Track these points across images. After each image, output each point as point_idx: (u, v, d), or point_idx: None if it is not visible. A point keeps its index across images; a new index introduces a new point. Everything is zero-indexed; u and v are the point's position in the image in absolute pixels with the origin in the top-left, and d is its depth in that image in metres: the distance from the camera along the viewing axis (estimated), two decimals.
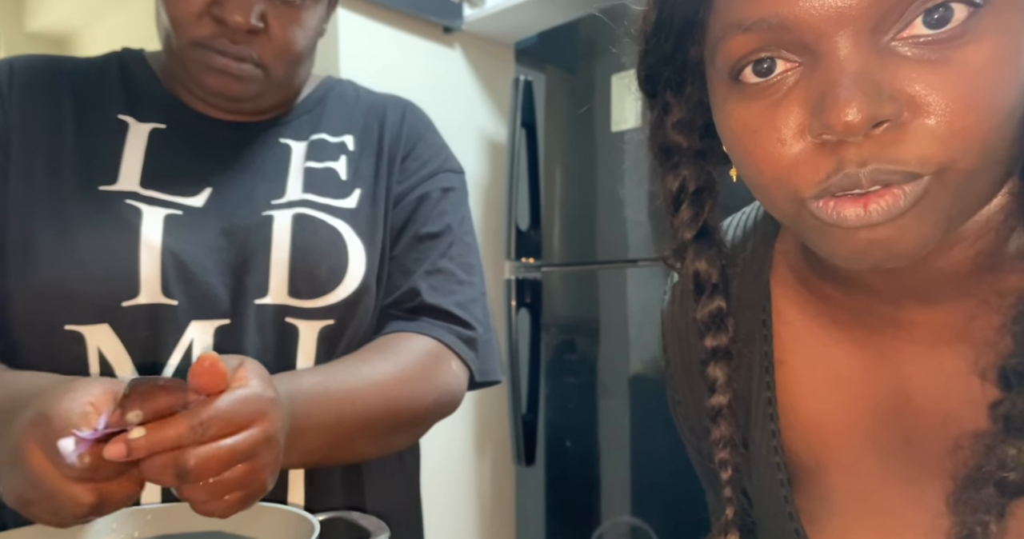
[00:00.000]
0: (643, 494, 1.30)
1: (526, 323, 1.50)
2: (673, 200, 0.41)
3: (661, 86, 0.39)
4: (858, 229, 0.30)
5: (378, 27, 1.42)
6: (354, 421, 0.52)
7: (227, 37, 0.54)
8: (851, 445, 0.39)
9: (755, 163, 0.33)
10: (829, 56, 0.29)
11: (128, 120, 0.59)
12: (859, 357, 0.40)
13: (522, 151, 1.48)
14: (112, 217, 0.53)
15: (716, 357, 0.41)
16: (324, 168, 0.62)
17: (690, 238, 0.41)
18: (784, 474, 0.41)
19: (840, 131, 0.28)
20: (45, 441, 0.36)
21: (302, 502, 0.58)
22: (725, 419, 0.41)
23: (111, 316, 0.52)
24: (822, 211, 0.31)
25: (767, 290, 0.43)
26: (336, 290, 0.57)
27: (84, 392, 0.38)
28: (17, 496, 0.37)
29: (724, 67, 0.33)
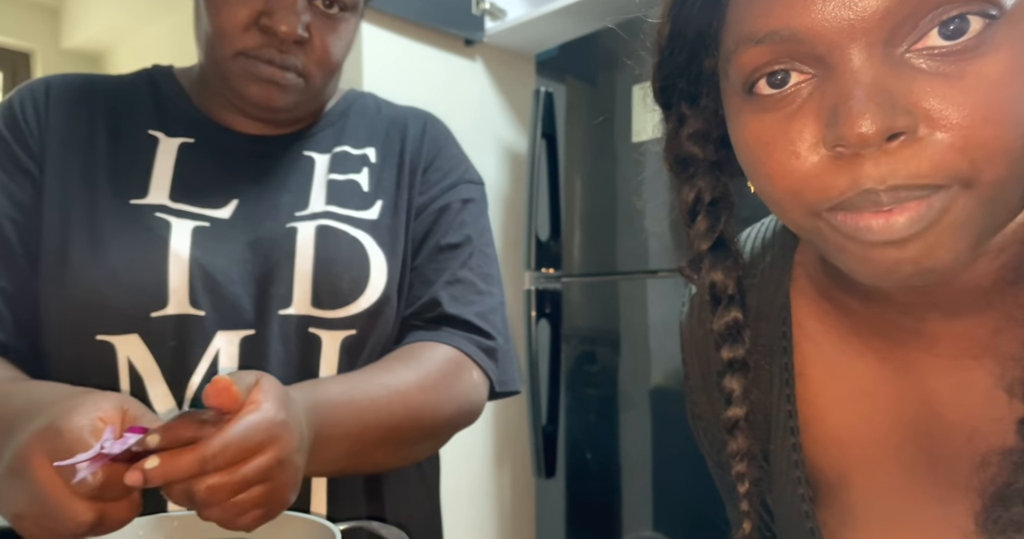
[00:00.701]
0: (665, 507, 1.28)
1: (546, 334, 1.49)
2: (689, 211, 0.41)
3: (676, 98, 0.39)
4: (884, 246, 0.29)
5: (400, 40, 1.44)
6: (377, 429, 0.52)
7: (274, 47, 0.56)
8: (875, 460, 0.39)
9: (769, 176, 0.32)
10: (842, 68, 0.29)
11: (158, 135, 0.60)
12: (882, 370, 0.39)
13: (542, 162, 1.48)
14: (142, 229, 0.55)
15: (733, 369, 0.41)
16: (347, 180, 0.63)
17: (706, 249, 0.41)
18: (806, 489, 0.40)
19: (854, 143, 0.28)
20: (54, 453, 0.36)
21: (324, 511, 0.58)
22: (742, 431, 0.41)
23: (141, 326, 0.53)
24: (842, 225, 0.30)
25: (787, 302, 0.43)
26: (358, 300, 0.58)
27: (94, 406, 0.38)
28: (12, 507, 0.37)
29: (737, 79, 0.33)
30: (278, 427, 0.39)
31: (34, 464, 0.36)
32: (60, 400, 0.40)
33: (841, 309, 0.41)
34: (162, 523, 0.45)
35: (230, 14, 0.55)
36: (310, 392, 0.49)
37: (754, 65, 0.31)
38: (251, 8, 0.54)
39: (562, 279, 1.50)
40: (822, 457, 0.41)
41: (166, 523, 0.46)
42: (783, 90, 0.31)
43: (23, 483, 0.36)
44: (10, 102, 0.59)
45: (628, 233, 1.37)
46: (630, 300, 1.37)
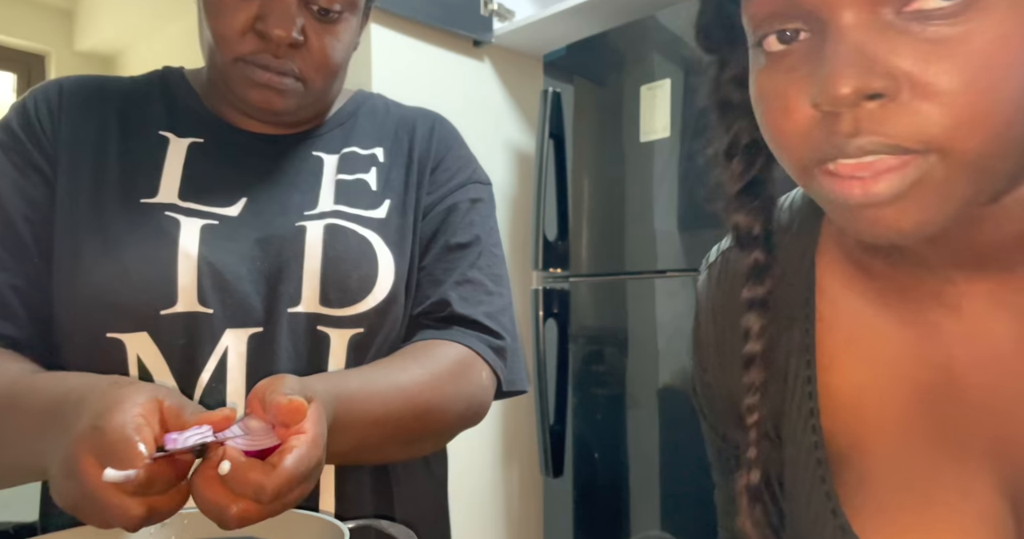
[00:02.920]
0: (672, 507, 1.28)
1: (554, 333, 1.49)
2: (726, 153, 0.41)
3: (717, 42, 0.40)
4: (863, 207, 0.30)
5: (409, 41, 1.45)
6: (388, 424, 0.53)
7: (270, 52, 0.56)
8: (893, 426, 0.38)
9: (768, 131, 0.33)
10: (833, 26, 0.29)
11: (168, 136, 0.61)
12: (904, 335, 0.39)
13: (550, 162, 1.49)
14: (152, 228, 0.55)
15: (752, 306, 0.42)
16: (355, 180, 0.63)
17: (735, 191, 0.41)
18: (822, 452, 0.40)
19: (831, 102, 0.29)
20: (100, 454, 0.37)
21: (332, 508, 0.58)
22: (757, 366, 0.42)
23: (150, 324, 0.54)
24: (827, 188, 0.31)
25: (812, 267, 0.43)
26: (366, 299, 0.59)
27: (132, 402, 0.39)
28: (68, 501, 0.39)
29: (748, 30, 0.33)
30: (317, 464, 0.40)
31: (82, 465, 0.37)
32: (97, 395, 0.41)
33: (867, 273, 0.41)
34: (173, 519, 0.46)
35: (227, 20, 0.55)
36: (330, 384, 0.49)
37: (759, 16, 0.32)
38: (247, 14, 0.55)
39: (570, 279, 1.50)
40: (836, 422, 0.41)
41: (176, 520, 0.46)
42: (789, 47, 0.32)
43: (75, 482, 0.38)
44: (24, 103, 0.60)
45: (636, 233, 1.37)
46: (638, 300, 1.37)
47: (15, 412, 0.46)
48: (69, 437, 0.39)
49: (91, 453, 0.37)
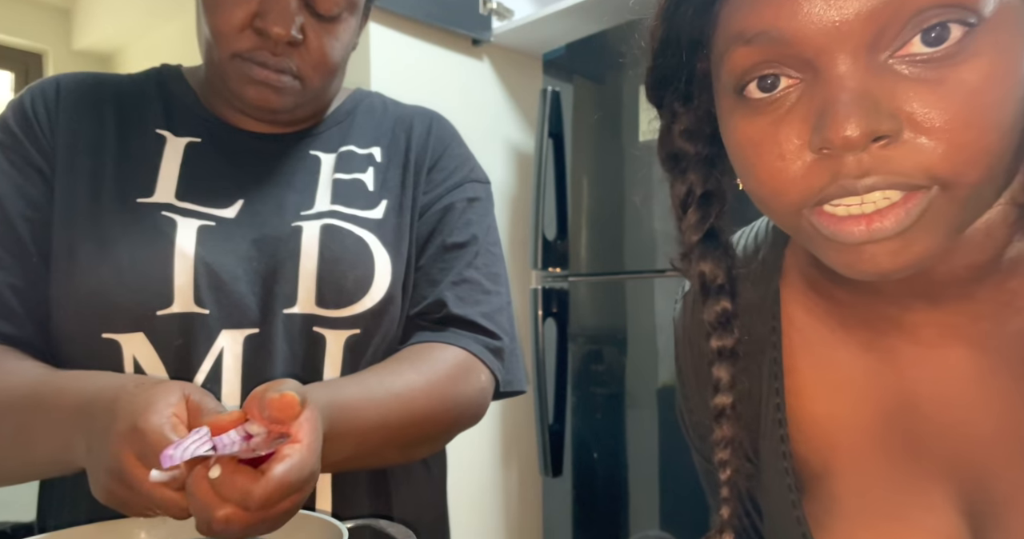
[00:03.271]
0: (672, 507, 1.28)
1: (552, 333, 1.49)
2: (681, 204, 0.42)
3: (668, 97, 0.41)
4: (863, 244, 0.31)
5: (408, 40, 1.45)
6: (385, 430, 0.53)
7: (268, 49, 0.56)
8: (858, 449, 0.40)
9: (757, 176, 0.34)
10: (829, 73, 0.30)
11: (166, 134, 0.61)
12: (865, 360, 0.40)
13: (549, 161, 1.48)
14: (148, 228, 0.55)
15: (722, 358, 0.42)
16: (352, 179, 0.63)
17: (696, 240, 0.42)
18: (792, 479, 0.41)
19: (839, 146, 0.29)
20: (142, 453, 0.40)
21: (329, 509, 0.58)
22: (728, 420, 0.42)
23: (146, 325, 0.54)
24: (824, 227, 0.32)
25: (777, 296, 0.44)
26: (362, 300, 0.58)
27: (166, 403, 0.42)
28: (114, 498, 0.41)
29: (729, 81, 0.34)
30: (310, 475, 0.40)
31: (128, 465, 0.40)
32: (128, 396, 0.43)
33: (830, 301, 0.42)
34: (163, 522, 0.46)
35: (225, 16, 0.55)
36: (328, 393, 0.49)
37: (744, 66, 0.32)
38: (245, 10, 0.55)
39: (569, 278, 1.49)
40: (807, 447, 0.42)
41: (168, 522, 0.46)
42: (772, 94, 0.32)
43: (123, 483, 0.40)
44: (21, 101, 0.59)
45: (635, 232, 1.36)
46: (637, 299, 1.37)
47: (44, 411, 0.47)
48: (109, 438, 0.41)
49: (134, 453, 0.40)
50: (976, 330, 0.37)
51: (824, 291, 0.42)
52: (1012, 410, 0.35)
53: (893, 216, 0.30)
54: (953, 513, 0.36)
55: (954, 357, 0.37)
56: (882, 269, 0.31)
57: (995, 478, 0.35)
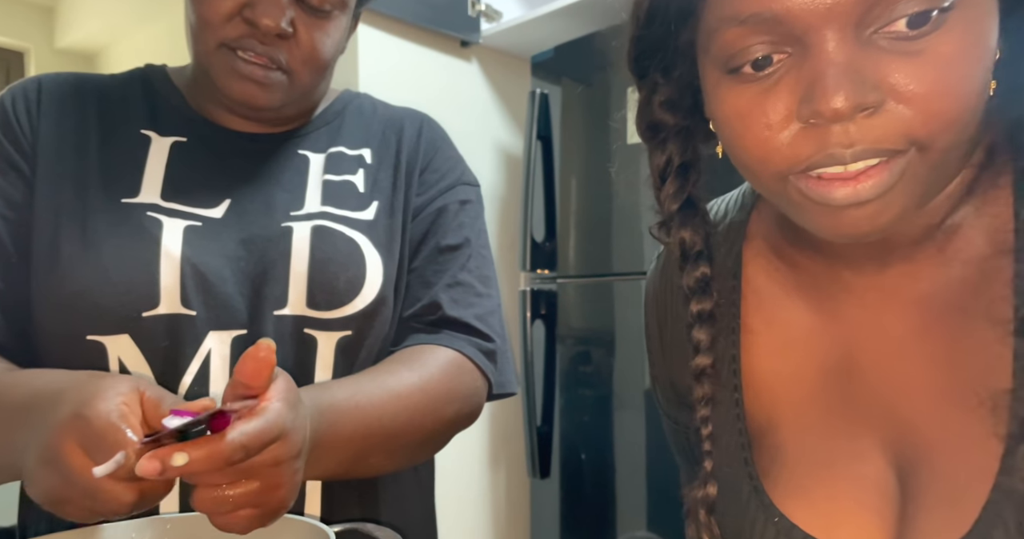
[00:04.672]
0: (659, 507, 1.28)
1: (541, 334, 1.49)
2: (660, 174, 0.44)
3: (650, 68, 0.42)
4: (847, 207, 0.33)
5: (396, 41, 1.44)
6: (380, 434, 0.52)
7: (256, 38, 0.55)
8: (799, 402, 0.43)
9: (744, 146, 0.35)
10: (818, 48, 0.32)
11: (150, 135, 0.60)
12: (813, 320, 0.43)
13: (538, 163, 1.49)
14: (134, 229, 0.54)
15: (701, 320, 0.44)
16: (342, 181, 0.63)
17: (675, 209, 0.44)
18: (746, 437, 0.44)
19: (829, 117, 0.31)
20: (84, 440, 0.37)
21: (318, 513, 0.58)
22: (708, 378, 0.44)
23: (132, 326, 0.53)
24: (811, 190, 0.34)
25: (739, 259, 0.47)
26: (354, 301, 0.58)
27: (115, 391, 0.39)
28: (50, 494, 0.38)
29: (719, 57, 0.35)
30: (286, 426, 0.39)
31: (67, 453, 0.37)
32: (75, 386, 0.40)
33: (789, 265, 0.45)
34: (154, 525, 0.45)
35: (213, 4, 0.54)
36: (317, 396, 0.49)
37: (737, 47, 0.34)
38: (234, 0, 0.54)
39: (557, 280, 1.50)
40: (755, 403, 0.44)
41: (159, 525, 0.45)
42: (764, 70, 0.34)
43: (59, 473, 0.37)
44: (1, 101, 0.59)
45: (623, 234, 1.37)
46: (625, 301, 1.37)
47: None
48: (49, 427, 0.38)
49: (75, 441, 0.37)
50: (915, 290, 0.39)
51: (785, 256, 0.45)
52: (939, 363, 0.38)
53: (874, 179, 0.32)
54: (881, 461, 0.39)
55: (892, 318, 0.40)
56: (861, 231, 0.34)
57: (920, 426, 0.38)
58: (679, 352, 0.49)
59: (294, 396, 0.42)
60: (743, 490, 0.42)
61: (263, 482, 0.38)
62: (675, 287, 0.48)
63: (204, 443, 0.36)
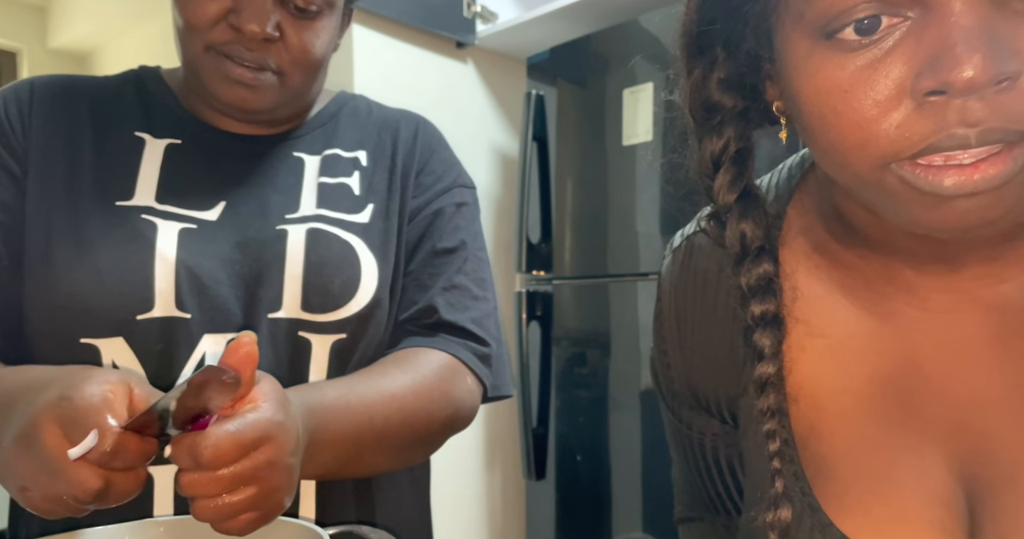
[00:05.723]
0: (655, 509, 1.28)
1: (537, 336, 1.49)
2: (713, 161, 0.39)
3: (714, 41, 0.37)
4: (956, 198, 0.29)
5: (392, 42, 1.44)
6: (371, 435, 0.52)
7: (243, 44, 0.55)
8: (848, 412, 0.38)
9: (842, 127, 0.30)
10: (944, 8, 0.27)
11: (145, 137, 0.60)
12: (865, 323, 0.39)
13: (533, 165, 1.49)
14: (128, 232, 0.54)
15: (765, 323, 0.39)
16: (337, 183, 0.63)
17: (732, 200, 0.39)
18: (792, 448, 0.39)
19: (960, 88, 0.27)
20: (64, 420, 0.36)
21: (313, 516, 0.57)
22: (774, 388, 0.39)
23: (126, 329, 0.53)
24: (918, 178, 0.29)
25: (775, 253, 0.42)
26: (349, 304, 0.58)
27: (102, 378, 0.39)
28: (20, 478, 0.37)
29: (818, 21, 0.30)
30: (274, 427, 0.39)
31: (44, 431, 0.36)
32: (64, 376, 0.41)
33: (832, 262, 0.40)
34: (147, 528, 0.45)
35: (198, 9, 0.54)
36: (307, 396, 0.48)
37: (842, 6, 0.29)
38: (219, 5, 0.54)
39: (553, 281, 1.50)
40: (793, 408, 0.40)
41: (151, 528, 0.45)
42: (870, 36, 0.29)
43: (31, 451, 0.36)
44: None
45: (619, 236, 1.37)
46: (620, 302, 1.37)
47: None
48: (31, 409, 0.38)
49: (55, 421, 0.37)
50: (996, 292, 0.35)
51: (829, 253, 0.40)
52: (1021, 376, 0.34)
53: (999, 166, 0.28)
54: (947, 476, 0.35)
55: (966, 322, 0.36)
56: (969, 224, 0.29)
57: (1000, 442, 0.34)
58: (702, 353, 0.44)
59: (280, 396, 0.42)
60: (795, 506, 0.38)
61: (261, 486, 0.38)
62: (701, 283, 0.44)
63: (178, 440, 0.36)
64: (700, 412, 0.46)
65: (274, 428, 0.39)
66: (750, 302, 0.40)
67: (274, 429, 0.39)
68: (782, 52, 0.34)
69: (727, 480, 0.45)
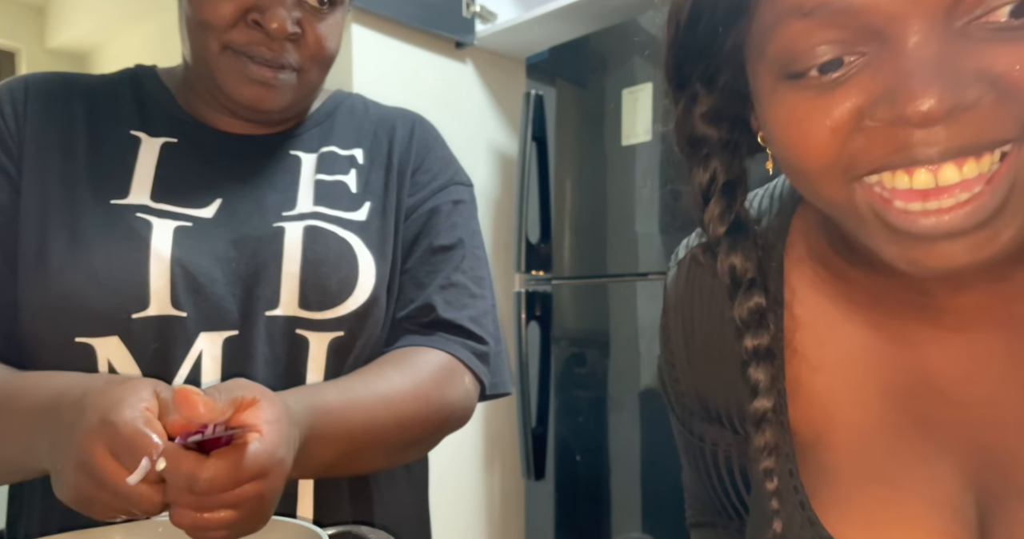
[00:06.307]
0: (653, 509, 1.28)
1: (536, 336, 1.49)
2: (702, 194, 0.39)
3: (692, 76, 0.37)
4: (935, 240, 0.28)
5: (391, 42, 1.44)
6: (369, 435, 0.52)
7: (265, 44, 0.54)
8: (858, 423, 0.38)
9: (803, 153, 0.31)
10: (899, 41, 0.27)
11: (140, 135, 0.60)
12: (875, 339, 0.38)
13: (533, 164, 1.49)
14: (123, 230, 0.54)
15: (758, 357, 0.39)
16: (334, 181, 0.63)
17: (723, 232, 0.39)
18: (790, 448, 0.39)
19: (918, 122, 0.26)
20: (113, 446, 0.38)
21: (311, 516, 0.57)
22: (770, 424, 0.38)
23: (121, 328, 0.53)
24: (890, 215, 0.29)
25: (780, 266, 0.42)
26: (346, 302, 0.58)
27: (138, 398, 0.40)
28: (79, 496, 0.40)
29: (778, 58, 0.31)
30: (273, 464, 0.40)
31: (97, 458, 0.38)
32: (96, 392, 0.42)
33: (839, 277, 0.40)
34: (147, 528, 0.45)
35: (215, 8, 0.53)
36: (306, 399, 0.49)
37: (800, 46, 0.29)
38: (237, 3, 0.53)
39: (552, 281, 1.50)
40: (800, 418, 0.40)
41: (151, 528, 0.45)
42: (831, 74, 0.29)
43: (91, 477, 0.38)
44: None
45: (618, 236, 1.37)
46: (620, 302, 1.37)
47: (8, 413, 0.46)
48: (77, 433, 0.40)
49: (105, 447, 0.38)
50: (1009, 311, 0.34)
51: (834, 268, 0.40)
52: None
53: (977, 201, 0.27)
54: (960, 486, 0.35)
55: (981, 340, 0.35)
56: (957, 265, 0.28)
57: (1014, 455, 0.34)
58: (711, 365, 0.44)
59: (285, 427, 0.42)
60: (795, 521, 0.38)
61: (242, 512, 0.39)
62: (708, 294, 0.43)
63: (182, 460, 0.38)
64: (711, 423, 0.45)
65: (273, 465, 0.40)
66: (744, 335, 0.39)
67: (273, 466, 0.40)
68: (753, 84, 0.34)
69: (739, 487, 0.45)
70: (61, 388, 0.45)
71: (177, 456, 0.38)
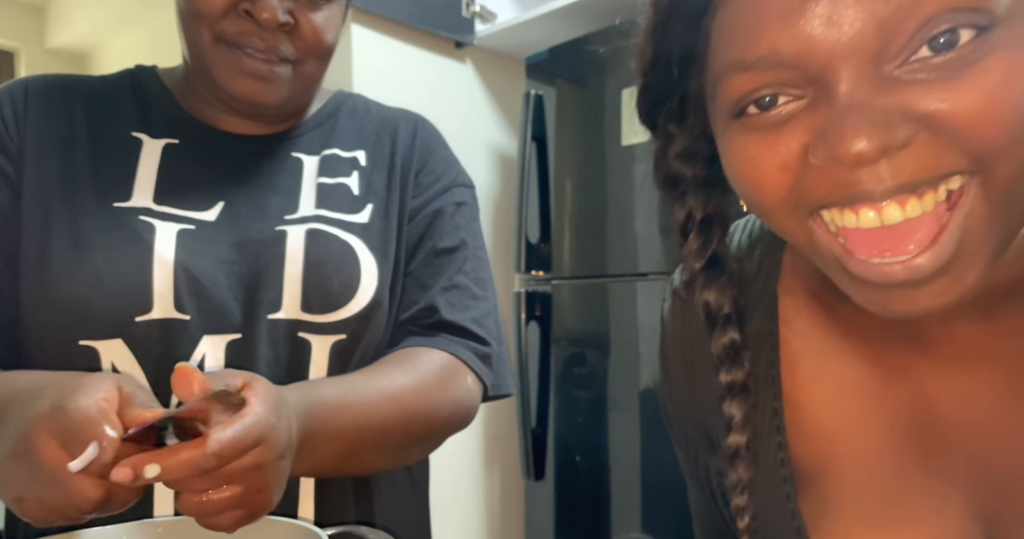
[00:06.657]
0: (654, 509, 1.28)
1: (536, 336, 1.49)
2: (681, 230, 0.40)
3: (662, 118, 0.39)
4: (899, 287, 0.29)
5: (391, 42, 1.44)
6: (370, 433, 0.52)
7: (256, 35, 0.54)
8: (862, 455, 0.38)
9: (757, 191, 0.32)
10: (832, 88, 0.29)
11: (142, 137, 0.59)
12: (874, 371, 0.39)
13: (532, 165, 1.49)
14: (126, 233, 0.54)
15: (732, 393, 0.40)
16: (336, 183, 0.62)
17: (699, 268, 0.40)
18: (788, 471, 0.40)
19: (851, 163, 0.28)
20: (61, 432, 0.36)
21: (311, 516, 0.57)
22: (743, 461, 0.39)
23: (125, 331, 0.53)
24: (854, 268, 0.30)
25: (774, 298, 0.43)
26: (348, 305, 0.58)
27: (96, 388, 0.39)
28: (16, 489, 0.37)
29: (726, 104, 0.33)
30: (266, 431, 0.39)
31: (40, 443, 0.36)
32: (57, 384, 0.40)
33: (831, 312, 0.40)
34: (146, 528, 0.45)
35: None
36: (304, 393, 0.48)
37: (742, 92, 0.31)
38: None
39: (552, 281, 1.50)
40: (803, 450, 0.40)
41: (150, 529, 0.45)
42: (769, 111, 0.31)
43: (28, 463, 0.36)
44: None
45: (617, 236, 1.37)
46: (619, 303, 1.37)
47: None
48: (24, 420, 0.38)
49: (51, 434, 0.36)
50: (999, 348, 0.35)
51: (824, 303, 0.40)
52: None
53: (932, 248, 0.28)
54: (966, 515, 0.35)
55: (978, 370, 0.36)
56: (923, 310, 0.29)
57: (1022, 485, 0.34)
58: (711, 393, 0.44)
59: (273, 398, 0.41)
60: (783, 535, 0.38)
61: (246, 486, 0.39)
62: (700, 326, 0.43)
63: (177, 451, 0.36)
64: (715, 453, 0.45)
65: (266, 431, 0.39)
66: (719, 370, 0.40)
67: (266, 432, 0.39)
68: (712, 126, 0.36)
69: None
70: (24, 382, 0.44)
71: (169, 451, 0.36)
